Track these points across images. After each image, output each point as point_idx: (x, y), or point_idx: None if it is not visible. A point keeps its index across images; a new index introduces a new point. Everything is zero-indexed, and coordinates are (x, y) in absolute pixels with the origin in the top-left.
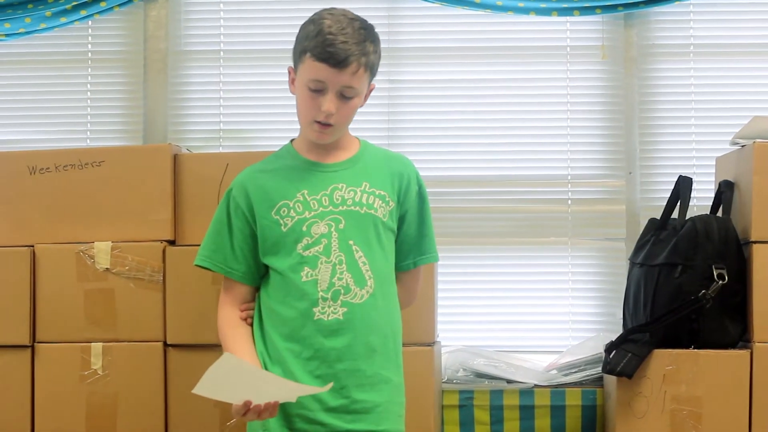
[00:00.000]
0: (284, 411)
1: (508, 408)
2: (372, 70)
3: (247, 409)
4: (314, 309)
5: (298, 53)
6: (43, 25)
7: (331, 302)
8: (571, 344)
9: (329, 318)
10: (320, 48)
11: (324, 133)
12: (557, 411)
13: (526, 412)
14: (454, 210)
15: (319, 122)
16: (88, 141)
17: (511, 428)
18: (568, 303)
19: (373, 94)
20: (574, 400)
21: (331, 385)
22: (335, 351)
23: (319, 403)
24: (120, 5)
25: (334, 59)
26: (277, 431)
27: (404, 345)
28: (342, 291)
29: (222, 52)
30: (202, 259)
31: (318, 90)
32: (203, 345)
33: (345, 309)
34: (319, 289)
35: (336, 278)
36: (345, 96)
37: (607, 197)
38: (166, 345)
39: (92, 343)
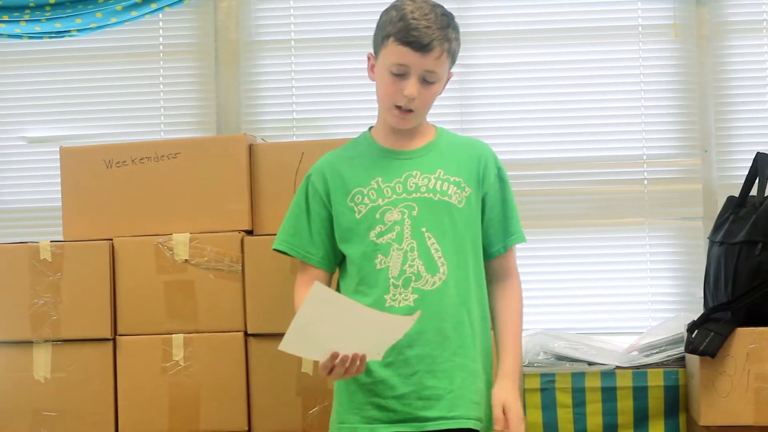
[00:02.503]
0: (356, 399)
1: (590, 390)
2: (453, 56)
3: (333, 363)
4: (385, 296)
5: (380, 39)
6: (113, 20)
7: (402, 289)
8: (651, 325)
9: (400, 305)
10: (404, 32)
11: (404, 119)
12: (639, 392)
13: (608, 393)
14: (530, 193)
15: (399, 107)
16: (161, 134)
17: (594, 410)
18: (647, 283)
19: None
20: (656, 381)
21: (419, 313)
22: (406, 337)
23: (390, 390)
24: None
25: (419, 43)
26: (350, 420)
27: None
28: (413, 278)
29: (293, 41)
30: (280, 243)
31: (400, 74)
32: (283, 334)
33: (416, 296)
34: (390, 276)
35: (407, 265)
36: (427, 81)
37: (684, 176)
38: (246, 335)
39: (173, 335)
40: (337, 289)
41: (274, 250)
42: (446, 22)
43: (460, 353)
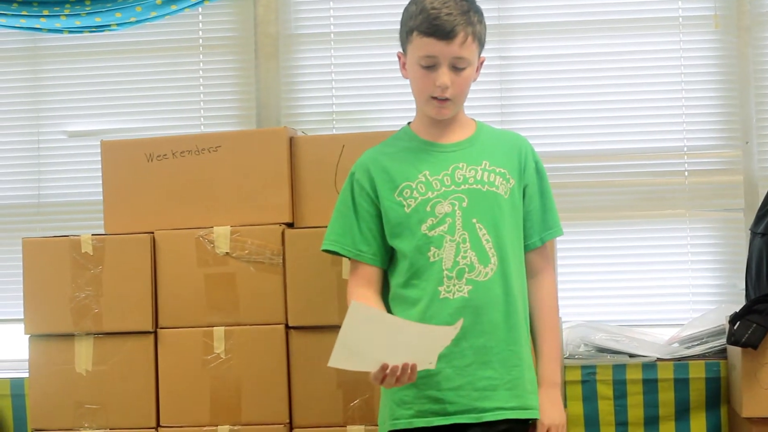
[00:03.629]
0: (409, 393)
1: (631, 382)
2: (480, 40)
3: (384, 374)
4: (440, 288)
5: (405, 35)
6: (153, 14)
7: (456, 281)
8: (692, 317)
9: (455, 296)
10: (427, 23)
11: (443, 108)
12: (681, 384)
13: (650, 385)
14: (570, 185)
15: (436, 98)
16: (201, 127)
17: (635, 402)
18: (688, 275)
19: (484, 71)
20: (697, 372)
21: (461, 321)
22: (461, 329)
23: (446, 382)
24: None
25: (442, 31)
26: (404, 415)
27: None
28: (466, 269)
29: (332, 35)
30: (330, 244)
31: (430, 66)
32: (324, 326)
33: (470, 287)
34: (444, 267)
35: (460, 257)
36: (457, 67)
37: (724, 168)
38: (287, 327)
39: (214, 328)
40: (388, 287)
41: (324, 251)
42: (466, 7)
43: (513, 343)
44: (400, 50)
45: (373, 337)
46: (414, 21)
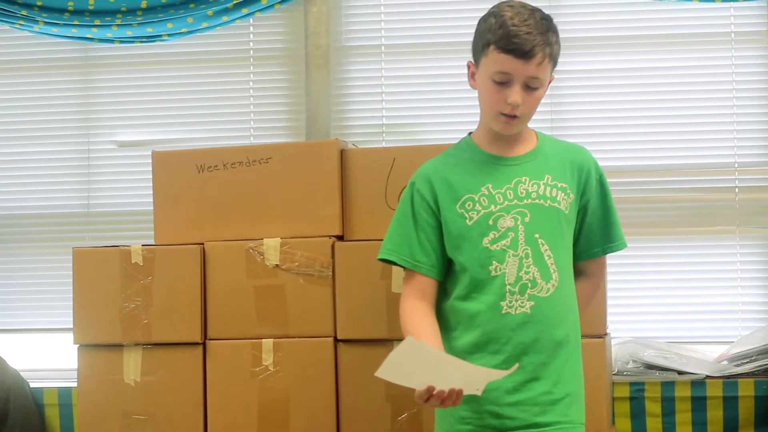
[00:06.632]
0: (473, 409)
1: (680, 400)
2: (554, 60)
3: (429, 395)
4: (502, 303)
5: (481, 46)
6: (204, 24)
7: (519, 296)
8: (742, 334)
9: (517, 312)
10: (505, 40)
11: (510, 125)
12: (730, 402)
13: (698, 403)
14: (620, 201)
15: (504, 114)
16: (251, 138)
17: (683, 420)
18: (737, 293)
19: None
20: (746, 391)
21: (516, 366)
22: (522, 345)
23: (507, 396)
24: (281, 2)
25: (520, 50)
26: (462, 429)
27: None
28: (529, 284)
29: (383, 47)
30: (388, 253)
31: (503, 82)
32: (373, 340)
33: (532, 303)
34: (506, 282)
35: (523, 272)
36: (530, 87)
37: None
38: (336, 340)
39: (263, 340)
40: (445, 296)
41: (381, 260)
42: (546, 26)
43: (572, 358)
44: (471, 60)
45: (423, 365)
46: (492, 35)
